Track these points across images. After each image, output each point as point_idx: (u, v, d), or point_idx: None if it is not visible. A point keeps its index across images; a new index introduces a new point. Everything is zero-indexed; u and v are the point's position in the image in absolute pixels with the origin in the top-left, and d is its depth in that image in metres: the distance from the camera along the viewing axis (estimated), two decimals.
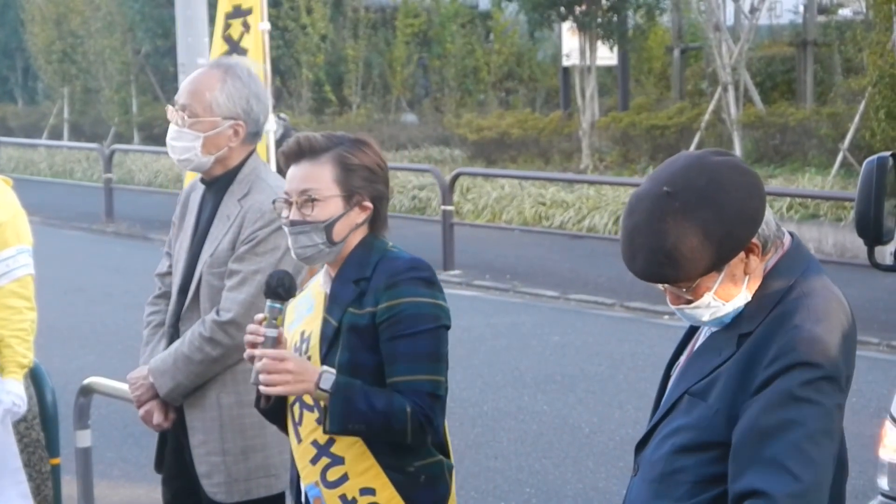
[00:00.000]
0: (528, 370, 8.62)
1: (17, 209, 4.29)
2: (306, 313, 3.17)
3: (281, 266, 3.73)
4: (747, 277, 2.37)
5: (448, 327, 3.10)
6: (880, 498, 4.21)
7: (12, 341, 4.17)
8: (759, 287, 2.39)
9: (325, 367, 3.00)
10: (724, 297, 2.37)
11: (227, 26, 5.95)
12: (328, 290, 3.13)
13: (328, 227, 3.06)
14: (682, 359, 2.55)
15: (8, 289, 4.18)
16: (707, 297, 2.36)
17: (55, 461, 4.59)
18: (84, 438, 4.79)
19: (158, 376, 3.80)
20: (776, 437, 2.26)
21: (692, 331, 2.57)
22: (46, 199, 18.19)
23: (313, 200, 3.06)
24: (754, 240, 2.34)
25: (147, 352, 3.96)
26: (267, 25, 6.33)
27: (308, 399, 3.07)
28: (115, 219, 16.86)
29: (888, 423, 4.24)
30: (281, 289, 3.05)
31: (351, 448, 3.03)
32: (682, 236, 2.28)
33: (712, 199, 2.29)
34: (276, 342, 3.00)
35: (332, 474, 3.06)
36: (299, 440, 3.13)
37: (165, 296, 4.00)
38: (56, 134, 26.07)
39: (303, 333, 3.14)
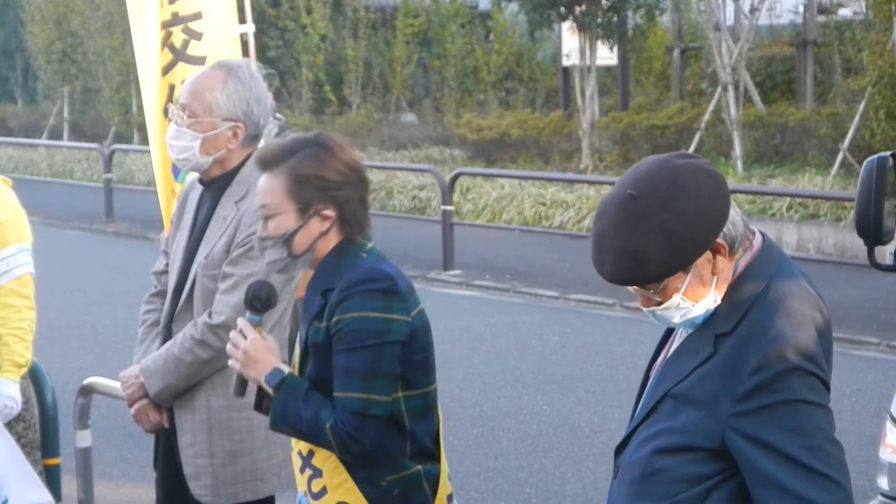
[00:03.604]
0: (528, 370, 8.62)
1: (17, 208, 4.29)
2: None
3: None
4: (716, 278, 2.39)
5: (404, 343, 3.01)
6: (880, 498, 4.21)
7: (10, 340, 4.16)
8: (732, 287, 2.40)
9: (283, 366, 3.04)
10: (693, 298, 2.38)
11: (168, 35, 5.75)
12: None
13: (287, 241, 3.03)
14: (659, 360, 2.56)
15: (8, 287, 4.18)
16: (676, 299, 2.38)
17: (55, 461, 4.59)
18: (84, 438, 4.79)
19: (148, 376, 3.80)
20: (799, 445, 2.28)
21: (669, 332, 2.59)
22: (46, 199, 18.18)
23: (269, 217, 3.04)
24: (720, 240, 2.36)
25: (140, 351, 3.96)
26: (244, 28, 6.05)
27: None
28: (115, 219, 16.86)
29: (888, 423, 4.24)
30: (257, 301, 3.10)
31: (327, 461, 3.05)
32: (646, 239, 2.31)
33: (674, 201, 2.31)
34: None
35: (315, 486, 3.09)
36: (291, 448, 3.17)
37: (161, 294, 3.99)
38: (56, 134, 26.06)
39: (299, 340, 3.16)
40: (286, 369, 3.03)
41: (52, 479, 4.53)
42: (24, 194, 4.53)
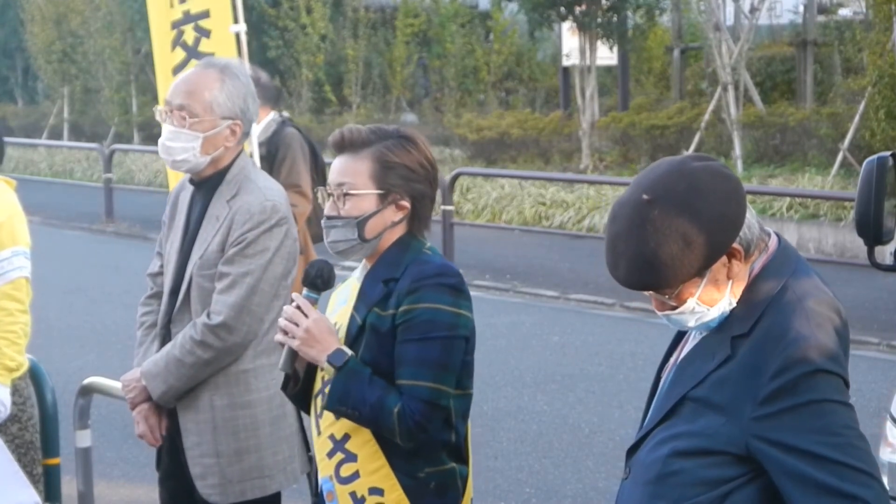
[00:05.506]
0: (528, 370, 8.62)
1: (14, 210, 4.21)
2: (341, 305, 3.18)
3: (271, 268, 3.72)
4: (731, 282, 2.37)
5: (468, 339, 3.06)
6: None
7: (1, 343, 4.10)
8: (748, 289, 2.39)
9: (344, 347, 3.03)
10: (709, 303, 2.37)
11: (180, 34, 5.77)
12: (360, 286, 3.14)
13: (360, 224, 3.05)
14: (672, 362, 2.55)
15: (1, 291, 4.12)
16: (691, 303, 2.37)
17: (55, 461, 4.59)
18: (84, 438, 4.79)
19: (150, 379, 3.79)
20: (829, 444, 2.26)
21: (682, 333, 2.57)
22: (46, 199, 18.18)
23: (347, 195, 3.05)
24: (735, 244, 2.34)
25: (140, 353, 3.95)
26: (239, 27, 6.08)
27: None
28: (115, 219, 16.86)
29: (888, 423, 4.24)
30: (319, 280, 3.10)
31: (364, 447, 3.05)
32: (662, 243, 2.29)
33: (691, 205, 2.29)
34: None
35: (345, 470, 3.08)
36: (318, 432, 3.16)
37: (158, 296, 3.98)
38: (56, 134, 26.05)
39: (335, 324, 3.15)
40: (348, 351, 3.03)
41: (52, 479, 4.53)
42: (24, 194, 4.51)
